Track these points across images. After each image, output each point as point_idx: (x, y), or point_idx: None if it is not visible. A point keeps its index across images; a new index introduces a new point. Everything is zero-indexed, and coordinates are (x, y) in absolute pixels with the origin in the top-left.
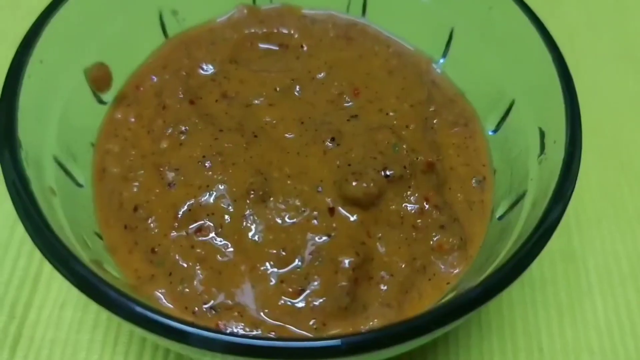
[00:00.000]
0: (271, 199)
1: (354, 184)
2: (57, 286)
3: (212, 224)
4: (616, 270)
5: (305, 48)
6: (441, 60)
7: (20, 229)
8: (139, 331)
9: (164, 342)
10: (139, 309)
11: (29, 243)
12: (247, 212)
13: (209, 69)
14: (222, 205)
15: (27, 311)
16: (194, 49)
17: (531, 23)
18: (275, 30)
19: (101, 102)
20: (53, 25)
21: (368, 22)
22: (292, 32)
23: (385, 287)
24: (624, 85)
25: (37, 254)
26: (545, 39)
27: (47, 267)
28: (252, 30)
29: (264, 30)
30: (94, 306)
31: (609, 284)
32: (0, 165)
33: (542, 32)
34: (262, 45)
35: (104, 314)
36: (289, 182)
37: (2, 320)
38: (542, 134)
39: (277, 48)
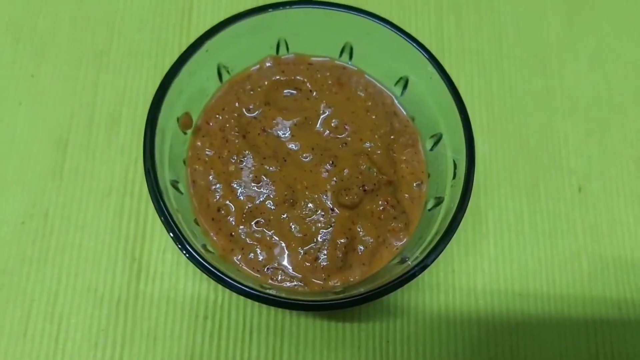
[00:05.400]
0: (297, 204)
1: (346, 197)
2: (157, 238)
3: (263, 220)
4: (505, 220)
5: (313, 93)
6: (401, 96)
7: (127, 201)
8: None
9: None
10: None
11: (135, 211)
12: (284, 214)
13: (252, 110)
14: (269, 207)
15: (142, 256)
16: (241, 94)
17: (449, 92)
18: (293, 78)
19: (185, 133)
20: (164, 105)
21: (353, 66)
22: (304, 80)
23: (362, 254)
24: (533, 81)
25: (142, 218)
26: (461, 111)
27: (149, 226)
28: (277, 78)
29: (285, 78)
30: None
31: (500, 229)
32: (159, 210)
33: (458, 105)
34: (285, 91)
35: None
36: (307, 192)
37: (128, 262)
38: (455, 166)
39: (295, 92)
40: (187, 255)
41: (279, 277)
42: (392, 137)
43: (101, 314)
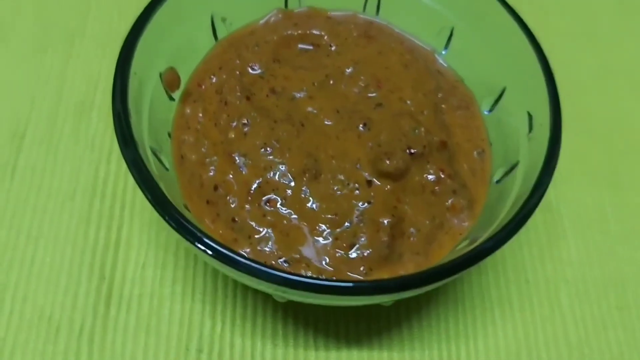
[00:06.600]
0: (322, 175)
1: (387, 162)
2: (135, 250)
3: (277, 197)
4: (585, 216)
5: (333, 47)
6: (443, 52)
7: (96, 205)
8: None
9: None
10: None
11: (106, 217)
12: (304, 187)
13: (257, 68)
14: (283, 182)
15: (113, 272)
16: (243, 50)
17: (521, 30)
18: (308, 32)
19: (171, 99)
20: (140, 44)
21: (382, 21)
22: (322, 33)
23: (414, 240)
24: (585, 60)
25: (114, 226)
26: (531, 41)
27: (124, 235)
28: (289, 32)
29: (299, 32)
30: (170, 264)
31: (580, 227)
32: (129, 160)
33: (528, 36)
34: (299, 46)
35: (180, 270)
36: (333, 161)
37: (94, 281)
38: (530, 117)
39: (311, 47)
40: (179, 228)
41: (302, 273)
42: (439, 95)
43: (56, 351)
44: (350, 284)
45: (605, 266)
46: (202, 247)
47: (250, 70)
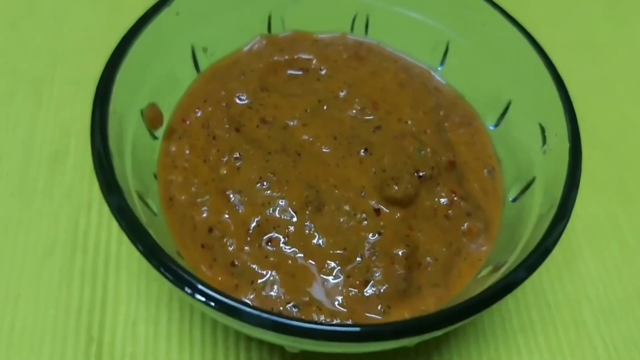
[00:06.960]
0: (325, 207)
1: (395, 187)
2: (124, 306)
3: (279, 235)
4: (599, 230)
5: (323, 71)
6: (439, 69)
7: (78, 259)
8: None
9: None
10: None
11: (89, 272)
12: (308, 222)
13: (244, 98)
14: (285, 217)
15: (102, 332)
16: (227, 81)
17: (523, 36)
18: (295, 57)
19: (154, 137)
20: (119, 79)
21: (372, 40)
22: (310, 57)
23: (432, 270)
24: (584, 70)
25: (100, 281)
26: (537, 48)
27: (111, 290)
28: (275, 58)
29: (285, 57)
30: (164, 318)
31: (595, 242)
32: (114, 207)
33: (533, 43)
34: (287, 72)
35: (175, 324)
36: (336, 191)
37: (82, 343)
38: (542, 129)
39: (300, 73)
40: (177, 280)
41: (314, 317)
42: (441, 112)
43: None
44: (375, 328)
45: (625, 278)
46: (203, 299)
47: (237, 101)
